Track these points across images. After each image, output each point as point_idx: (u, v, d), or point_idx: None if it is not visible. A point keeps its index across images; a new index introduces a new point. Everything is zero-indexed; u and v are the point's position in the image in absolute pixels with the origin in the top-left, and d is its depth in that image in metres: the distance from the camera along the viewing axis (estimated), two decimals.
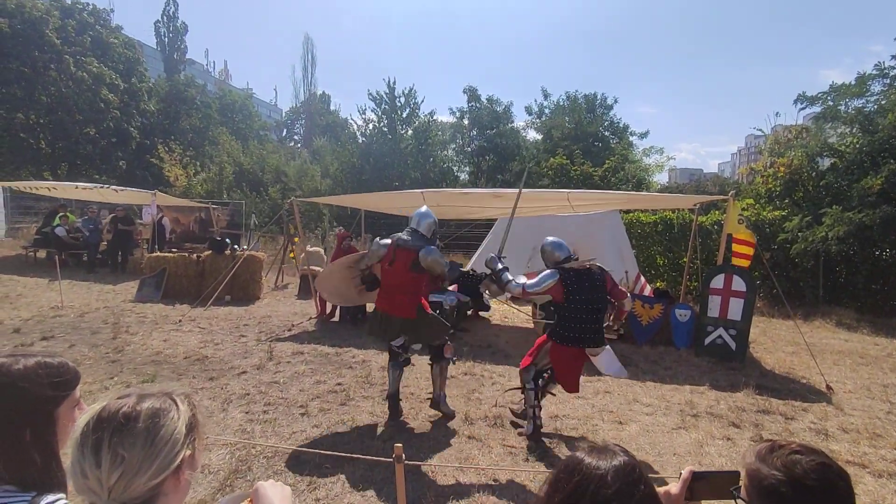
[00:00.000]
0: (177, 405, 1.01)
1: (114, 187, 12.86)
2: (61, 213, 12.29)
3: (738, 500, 1.07)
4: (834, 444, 4.10)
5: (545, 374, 3.96)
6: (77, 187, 12.28)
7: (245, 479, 3.37)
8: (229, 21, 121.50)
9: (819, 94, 12.23)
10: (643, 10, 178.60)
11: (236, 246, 10.64)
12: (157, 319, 7.74)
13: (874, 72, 11.57)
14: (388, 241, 4.24)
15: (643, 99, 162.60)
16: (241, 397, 4.75)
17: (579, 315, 3.60)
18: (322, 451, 3.36)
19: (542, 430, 3.94)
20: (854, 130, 11.79)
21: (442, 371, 4.40)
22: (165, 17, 39.09)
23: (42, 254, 12.81)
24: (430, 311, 4.27)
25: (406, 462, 2.32)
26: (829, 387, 5.43)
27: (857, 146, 11.42)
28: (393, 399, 4.33)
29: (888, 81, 11.55)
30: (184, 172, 21.55)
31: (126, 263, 12.09)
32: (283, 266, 12.12)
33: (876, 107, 11.52)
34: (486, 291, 4.10)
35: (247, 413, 4.40)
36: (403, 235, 4.20)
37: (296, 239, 10.90)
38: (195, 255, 9.90)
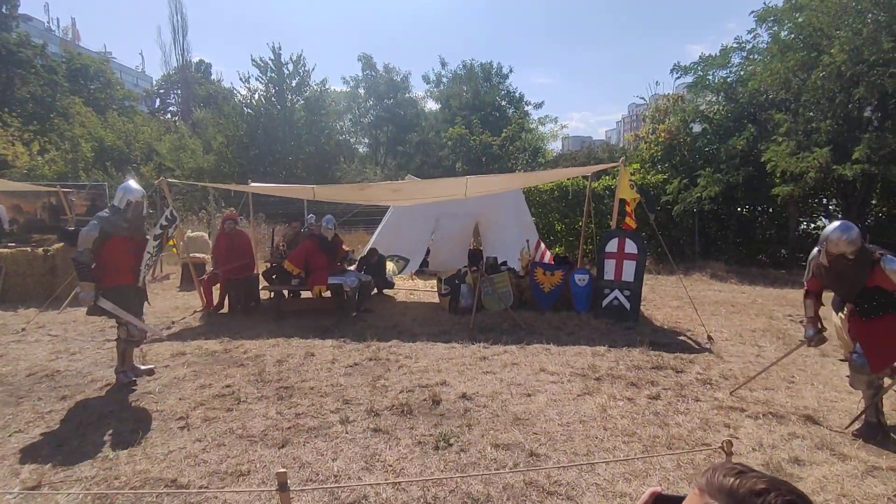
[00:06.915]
0: None
1: None
2: None
3: None
4: (718, 392, 4.40)
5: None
6: None
7: None
8: None
9: (691, 65, 13.17)
10: None
11: None
12: None
13: (734, 44, 12.68)
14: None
15: (538, 70, 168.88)
16: (103, 417, 4.02)
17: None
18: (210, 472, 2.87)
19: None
20: (720, 98, 12.95)
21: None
22: None
23: None
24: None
25: (292, 490, 1.96)
26: (709, 337, 5.89)
27: (723, 112, 12.56)
28: None
29: (744, 54, 12.74)
30: (26, 150, 18.17)
31: None
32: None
33: (737, 77, 12.69)
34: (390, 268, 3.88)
35: (110, 436, 3.72)
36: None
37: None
38: (42, 248, 8.37)
